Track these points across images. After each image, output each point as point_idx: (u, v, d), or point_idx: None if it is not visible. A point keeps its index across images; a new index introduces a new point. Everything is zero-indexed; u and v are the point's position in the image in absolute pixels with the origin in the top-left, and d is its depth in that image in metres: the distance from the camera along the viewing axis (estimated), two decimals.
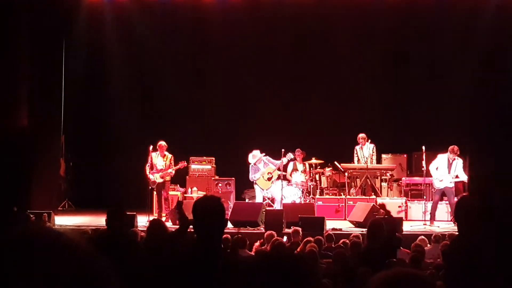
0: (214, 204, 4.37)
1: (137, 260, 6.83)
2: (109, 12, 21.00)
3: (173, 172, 16.83)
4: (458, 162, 16.08)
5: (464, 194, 5.27)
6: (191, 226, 7.30)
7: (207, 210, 4.32)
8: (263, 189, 17.62)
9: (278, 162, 17.49)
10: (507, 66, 20.06)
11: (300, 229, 12.76)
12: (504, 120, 19.87)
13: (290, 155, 17.48)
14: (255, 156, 17.58)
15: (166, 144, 16.82)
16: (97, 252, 1.47)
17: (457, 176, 16.09)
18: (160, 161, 16.73)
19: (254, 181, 17.66)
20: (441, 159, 16.19)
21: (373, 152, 18.08)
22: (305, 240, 10.85)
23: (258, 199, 17.52)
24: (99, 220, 16.43)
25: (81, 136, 21.14)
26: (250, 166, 17.65)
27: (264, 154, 17.67)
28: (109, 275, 1.46)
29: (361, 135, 18.01)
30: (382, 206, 14.12)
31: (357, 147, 18.10)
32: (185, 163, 17.13)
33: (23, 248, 1.38)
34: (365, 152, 17.99)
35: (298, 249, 10.28)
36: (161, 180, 16.70)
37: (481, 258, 4.21)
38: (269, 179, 17.56)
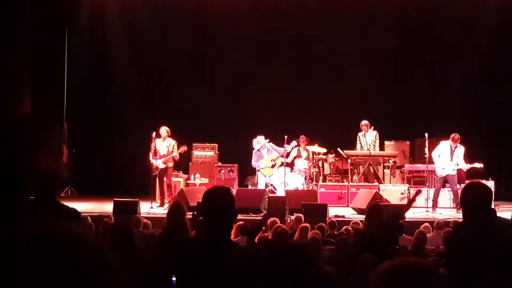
0: (224, 196, 4.37)
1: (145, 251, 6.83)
2: None
3: (178, 156, 16.77)
4: (460, 150, 16.04)
5: (473, 180, 5.18)
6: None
7: (217, 201, 4.32)
8: (265, 176, 17.62)
9: (281, 149, 17.48)
10: (511, 52, 20.02)
11: (302, 216, 12.76)
12: (507, 107, 19.86)
13: (294, 143, 17.47)
14: (259, 142, 17.58)
15: (169, 130, 16.79)
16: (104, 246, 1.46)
17: (457, 164, 16.06)
18: (163, 147, 16.70)
19: (257, 168, 17.67)
20: (444, 146, 16.15)
21: (376, 139, 18.07)
22: (300, 226, 10.79)
23: (261, 186, 17.53)
24: (102, 207, 16.47)
25: (84, 122, 21.15)
26: (254, 152, 17.66)
27: (268, 140, 17.66)
28: (117, 269, 1.45)
29: (364, 122, 17.99)
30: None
31: (360, 134, 18.08)
32: (186, 148, 17.06)
33: (29, 243, 1.37)
34: (367, 139, 17.97)
35: (296, 236, 10.27)
36: (163, 166, 16.66)
37: (484, 246, 4.20)
38: (272, 166, 17.56)
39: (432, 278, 1.95)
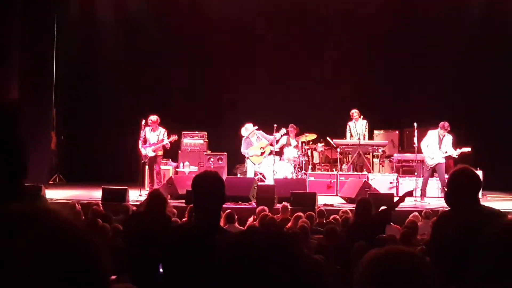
0: (213, 179, 4.37)
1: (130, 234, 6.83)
2: None
3: (168, 144, 16.74)
4: (448, 138, 16.07)
5: (462, 165, 5.10)
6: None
7: (206, 185, 4.32)
8: (254, 164, 17.63)
9: (271, 137, 17.49)
10: (499, 42, 20.08)
11: (288, 204, 12.79)
12: (496, 96, 19.93)
13: (283, 131, 17.48)
14: (247, 129, 17.60)
15: (158, 118, 16.75)
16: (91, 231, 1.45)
17: (446, 152, 16.08)
18: (153, 136, 16.68)
19: (246, 156, 17.69)
20: (432, 135, 16.18)
21: (366, 128, 18.12)
22: (295, 215, 10.85)
23: (250, 174, 17.53)
24: (90, 194, 16.44)
25: (73, 109, 21.10)
26: (243, 139, 17.68)
27: (256, 127, 17.67)
28: (103, 255, 1.45)
29: (355, 110, 18.02)
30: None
31: (350, 123, 18.10)
32: (176, 137, 17.05)
33: (15, 226, 1.36)
34: (358, 128, 18.01)
35: (289, 225, 10.29)
36: (153, 154, 16.65)
37: (468, 234, 4.19)
38: (261, 154, 17.58)
39: (419, 266, 1.96)
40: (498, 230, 2.80)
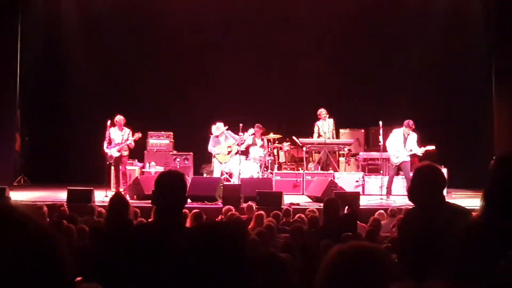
0: (176, 179, 4.41)
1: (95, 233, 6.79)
2: None
3: (132, 143, 16.60)
4: (412, 136, 16.14)
5: (425, 161, 5.06)
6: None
7: (168, 183, 4.36)
8: (221, 163, 17.62)
9: (238, 137, 17.50)
10: (464, 42, 20.30)
11: (253, 204, 12.80)
12: (460, 96, 20.16)
13: (251, 130, 17.50)
14: (219, 128, 17.61)
15: (124, 119, 16.64)
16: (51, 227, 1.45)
17: (411, 150, 16.17)
18: (118, 136, 16.56)
19: (213, 154, 17.67)
20: (396, 133, 16.25)
21: (333, 127, 18.19)
22: (256, 214, 10.80)
23: (216, 174, 17.51)
24: (55, 196, 16.30)
25: (37, 110, 20.91)
26: (212, 137, 17.67)
27: (226, 127, 17.67)
28: (63, 250, 1.44)
29: (322, 109, 18.04)
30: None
31: (319, 123, 18.11)
32: (140, 134, 16.89)
33: None
34: (326, 127, 18.05)
35: (252, 224, 10.28)
36: (117, 154, 16.52)
37: (436, 230, 4.24)
38: (228, 152, 17.58)
39: (382, 261, 1.97)
40: (463, 228, 2.83)
